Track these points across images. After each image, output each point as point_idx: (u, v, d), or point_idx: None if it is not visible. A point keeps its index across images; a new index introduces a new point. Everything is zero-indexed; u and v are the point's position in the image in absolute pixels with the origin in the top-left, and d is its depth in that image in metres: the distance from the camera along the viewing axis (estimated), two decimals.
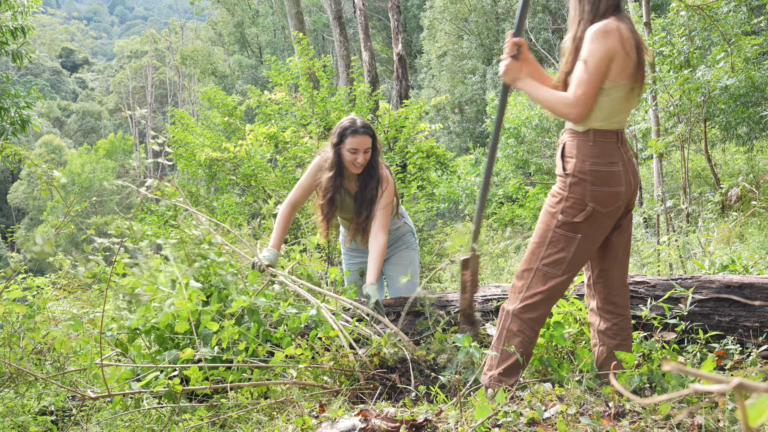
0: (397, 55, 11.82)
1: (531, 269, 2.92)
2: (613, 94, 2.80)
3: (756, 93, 9.86)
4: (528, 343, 2.94)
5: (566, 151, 2.89)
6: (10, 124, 9.69)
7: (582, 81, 2.74)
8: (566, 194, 2.84)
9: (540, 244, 2.91)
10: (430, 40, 30.34)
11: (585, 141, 2.84)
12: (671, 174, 13.21)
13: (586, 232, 2.85)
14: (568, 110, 2.77)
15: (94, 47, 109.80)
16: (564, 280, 2.90)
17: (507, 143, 14.76)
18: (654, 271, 7.18)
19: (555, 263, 2.87)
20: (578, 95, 2.74)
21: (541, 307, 2.92)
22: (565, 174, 2.86)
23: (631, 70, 2.79)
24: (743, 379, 0.63)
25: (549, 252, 2.87)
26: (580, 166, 2.82)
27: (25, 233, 31.30)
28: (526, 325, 2.92)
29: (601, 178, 2.82)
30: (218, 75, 42.45)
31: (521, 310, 2.92)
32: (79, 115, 59.35)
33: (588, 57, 2.74)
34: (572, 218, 2.83)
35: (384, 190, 4.11)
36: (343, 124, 4.08)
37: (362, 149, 4.02)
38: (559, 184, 2.89)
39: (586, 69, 2.73)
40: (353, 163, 4.04)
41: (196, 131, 10.45)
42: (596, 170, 2.81)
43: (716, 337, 3.43)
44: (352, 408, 2.95)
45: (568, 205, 2.83)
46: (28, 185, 44.55)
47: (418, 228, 10.09)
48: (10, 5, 9.52)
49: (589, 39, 2.76)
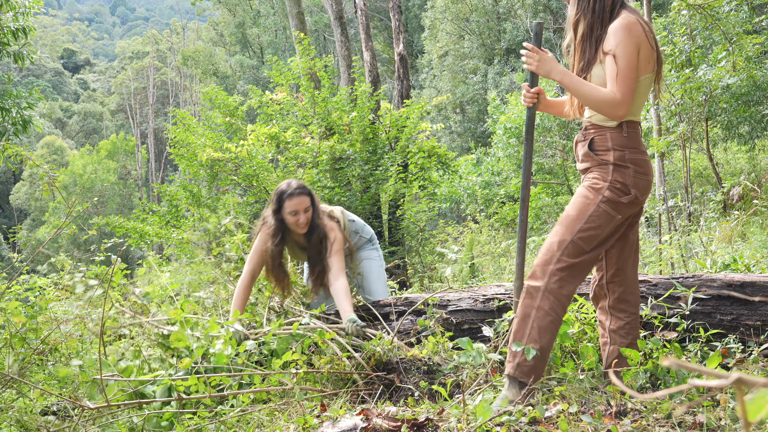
0: (398, 55, 11.81)
1: (564, 241, 2.87)
2: (641, 87, 2.84)
3: (757, 92, 9.85)
4: (556, 327, 2.87)
5: (597, 145, 2.90)
6: (12, 124, 9.70)
7: (622, 78, 2.75)
8: (610, 178, 2.85)
9: (578, 218, 2.87)
10: (431, 40, 30.33)
11: (618, 133, 2.87)
12: (673, 173, 13.20)
13: (623, 214, 2.88)
14: (615, 110, 2.77)
15: (95, 48, 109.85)
16: (590, 258, 2.89)
17: (508, 143, 14.76)
18: (656, 270, 7.17)
19: (589, 239, 2.86)
20: (624, 93, 2.75)
21: (571, 281, 2.87)
22: (605, 163, 2.86)
23: (654, 60, 2.84)
24: (742, 374, 0.63)
25: (588, 226, 2.85)
26: (619, 156, 2.85)
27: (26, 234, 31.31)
28: (558, 303, 2.84)
29: (641, 166, 2.87)
30: (220, 75, 42.47)
31: (555, 283, 2.85)
32: (80, 116, 59.38)
33: (619, 53, 2.75)
34: (619, 198, 2.84)
35: (332, 241, 4.25)
36: (280, 188, 4.23)
37: (302, 209, 4.16)
38: (597, 173, 2.89)
39: (621, 66, 2.75)
40: (296, 224, 4.19)
41: (198, 132, 10.46)
42: (635, 158, 2.86)
43: (718, 336, 3.43)
44: (354, 407, 2.95)
45: (616, 186, 2.84)
46: (30, 186, 44.57)
47: (419, 228, 10.08)
48: (11, 6, 9.52)
49: (614, 35, 2.78)
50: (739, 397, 0.65)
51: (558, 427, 2.34)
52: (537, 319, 2.85)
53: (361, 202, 9.44)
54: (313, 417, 2.69)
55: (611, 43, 2.78)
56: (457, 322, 3.95)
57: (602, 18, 2.87)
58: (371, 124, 9.89)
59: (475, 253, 10.76)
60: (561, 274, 2.85)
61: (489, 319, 3.92)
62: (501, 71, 26.20)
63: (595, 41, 2.88)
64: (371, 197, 9.66)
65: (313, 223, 4.23)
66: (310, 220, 4.22)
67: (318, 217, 4.26)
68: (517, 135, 14.96)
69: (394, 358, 3.54)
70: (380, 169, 9.54)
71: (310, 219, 4.21)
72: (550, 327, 2.85)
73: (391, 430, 2.46)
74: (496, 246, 11.50)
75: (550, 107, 3.24)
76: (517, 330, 2.90)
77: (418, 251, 10.07)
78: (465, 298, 4.08)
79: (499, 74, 26.07)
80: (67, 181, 40.10)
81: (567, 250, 2.86)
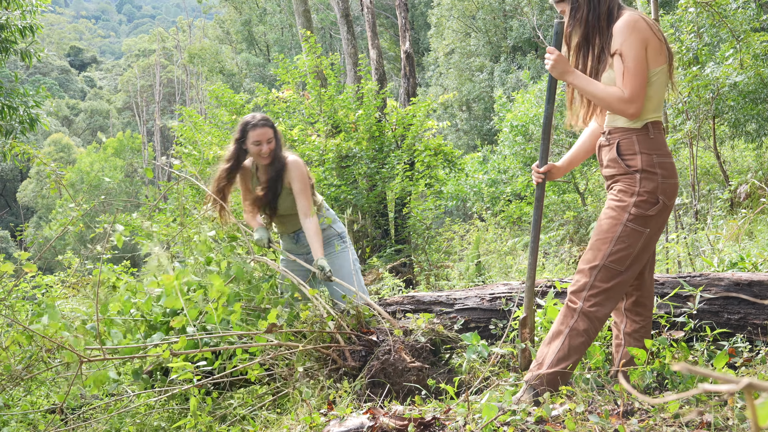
0: (404, 52, 11.80)
1: (597, 266, 2.85)
2: (657, 82, 2.82)
3: (765, 89, 9.80)
4: (586, 347, 2.89)
5: (623, 148, 2.86)
6: (19, 122, 9.73)
7: (630, 75, 2.73)
8: (637, 189, 2.81)
9: (607, 240, 2.85)
10: (437, 38, 30.27)
11: (644, 135, 2.83)
12: (680, 171, 13.15)
13: (653, 226, 2.84)
14: (626, 107, 2.75)
15: (102, 46, 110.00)
16: (626, 277, 2.86)
17: (515, 141, 14.72)
18: (663, 269, 7.16)
19: (620, 260, 2.83)
20: (632, 89, 2.72)
21: (607, 304, 2.86)
22: (633, 170, 2.82)
23: (665, 53, 2.82)
24: (753, 379, 0.63)
25: (618, 248, 2.83)
26: (647, 161, 2.81)
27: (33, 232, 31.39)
28: (593, 325, 2.85)
29: (669, 170, 2.84)
30: (226, 73, 42.47)
31: (590, 306, 2.84)
32: (87, 114, 59.47)
33: (625, 50, 2.74)
34: (646, 211, 2.80)
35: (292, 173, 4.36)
36: (245, 119, 4.40)
37: (264, 140, 4.30)
38: (625, 181, 2.85)
39: (628, 62, 2.73)
40: (259, 154, 4.33)
41: (204, 129, 10.47)
42: (663, 162, 2.82)
43: (725, 335, 3.42)
44: (361, 406, 2.95)
45: (642, 199, 2.80)
46: (37, 184, 44.66)
47: (425, 226, 10.08)
48: (18, 4, 9.55)
49: (619, 34, 2.77)
50: (749, 402, 0.65)
51: (565, 427, 2.34)
52: (570, 338, 2.87)
53: (367, 200, 9.44)
54: (320, 415, 2.69)
55: (617, 43, 2.77)
56: (464, 320, 3.95)
57: (599, 27, 2.86)
58: (377, 122, 9.89)
59: (481, 251, 10.75)
60: (596, 299, 2.85)
61: (494, 318, 3.92)
62: (507, 69, 26.14)
63: (593, 50, 2.88)
64: (377, 195, 9.66)
65: (275, 154, 4.36)
66: (273, 151, 4.35)
67: (280, 149, 4.40)
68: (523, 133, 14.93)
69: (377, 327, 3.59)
70: (386, 167, 9.54)
71: (272, 150, 4.34)
72: (581, 348, 2.87)
73: (398, 429, 2.46)
74: (502, 244, 11.49)
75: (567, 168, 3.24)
76: (548, 343, 2.92)
77: (425, 249, 10.08)
78: (472, 296, 4.08)
79: (506, 72, 26.01)
80: (74, 179, 40.18)
81: (600, 275, 2.85)
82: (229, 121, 10.80)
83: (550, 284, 3.98)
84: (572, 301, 2.90)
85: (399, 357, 3.28)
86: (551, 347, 2.90)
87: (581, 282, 2.88)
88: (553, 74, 2.96)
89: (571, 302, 2.91)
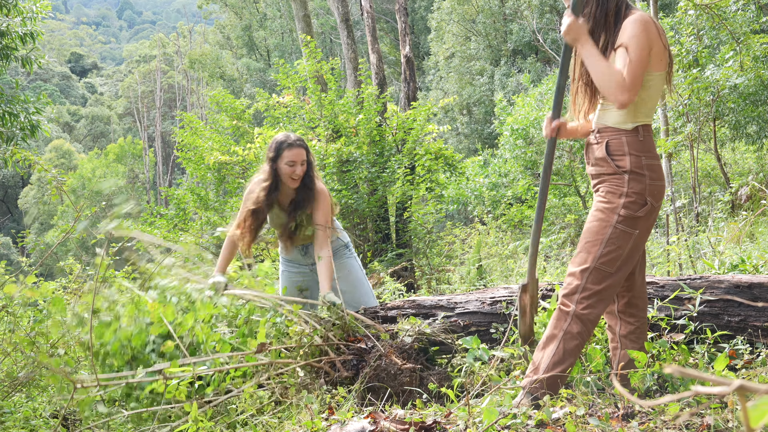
0: (404, 57, 11.82)
1: (588, 268, 2.87)
2: (653, 87, 2.83)
3: (765, 91, 9.81)
4: (580, 349, 2.90)
5: (612, 148, 2.87)
6: (20, 129, 9.75)
7: (632, 67, 2.72)
8: (625, 190, 2.82)
9: (597, 242, 2.86)
10: (437, 42, 30.30)
11: (634, 137, 2.84)
12: (680, 174, 13.17)
13: (642, 228, 2.85)
14: (621, 92, 2.72)
15: (102, 52, 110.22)
16: (617, 279, 2.88)
17: (515, 144, 14.72)
18: (663, 271, 7.16)
19: (610, 262, 2.84)
20: (632, 79, 2.71)
21: (599, 306, 2.87)
22: (621, 171, 2.84)
23: (666, 60, 2.83)
24: (744, 381, 0.64)
25: (608, 249, 2.84)
26: (636, 162, 2.82)
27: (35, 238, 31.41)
28: (586, 327, 2.86)
29: (656, 172, 2.85)
30: (226, 78, 42.55)
31: (583, 309, 2.86)
32: (88, 120, 59.54)
33: (632, 45, 2.73)
34: (635, 213, 2.82)
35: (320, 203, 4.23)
36: (279, 138, 4.22)
37: (299, 161, 4.15)
38: (612, 182, 2.87)
39: (633, 57, 2.72)
40: (292, 175, 4.16)
41: (205, 135, 10.49)
42: (650, 164, 2.84)
43: (726, 337, 3.42)
44: (362, 410, 2.96)
45: (630, 200, 2.82)
46: (38, 190, 44.71)
47: (426, 230, 10.08)
48: (19, 11, 9.57)
49: (630, 26, 2.77)
50: (741, 404, 0.65)
51: (565, 430, 2.34)
52: (564, 341, 2.88)
53: (368, 205, 9.45)
54: (321, 420, 2.69)
55: (624, 37, 2.76)
56: (464, 324, 3.95)
57: (606, 23, 2.86)
58: (378, 126, 9.91)
59: (482, 254, 10.75)
60: (588, 301, 2.86)
61: (495, 322, 3.92)
62: (508, 72, 26.16)
63: (597, 45, 2.87)
64: (378, 199, 9.66)
65: (307, 176, 4.22)
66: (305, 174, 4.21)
67: (312, 172, 4.25)
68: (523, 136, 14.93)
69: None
70: (387, 171, 9.55)
71: (305, 172, 4.20)
72: (575, 350, 2.88)
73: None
74: (503, 248, 11.48)
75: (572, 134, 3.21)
76: (542, 348, 2.93)
77: (426, 253, 10.08)
78: (473, 300, 4.09)
79: (506, 75, 26.04)
80: (75, 185, 40.24)
81: (591, 277, 2.86)
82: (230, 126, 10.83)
83: (551, 288, 3.98)
84: (564, 304, 2.91)
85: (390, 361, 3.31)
86: (546, 351, 2.91)
87: (573, 285, 2.90)
88: (567, 39, 2.92)
89: (563, 305, 2.92)
